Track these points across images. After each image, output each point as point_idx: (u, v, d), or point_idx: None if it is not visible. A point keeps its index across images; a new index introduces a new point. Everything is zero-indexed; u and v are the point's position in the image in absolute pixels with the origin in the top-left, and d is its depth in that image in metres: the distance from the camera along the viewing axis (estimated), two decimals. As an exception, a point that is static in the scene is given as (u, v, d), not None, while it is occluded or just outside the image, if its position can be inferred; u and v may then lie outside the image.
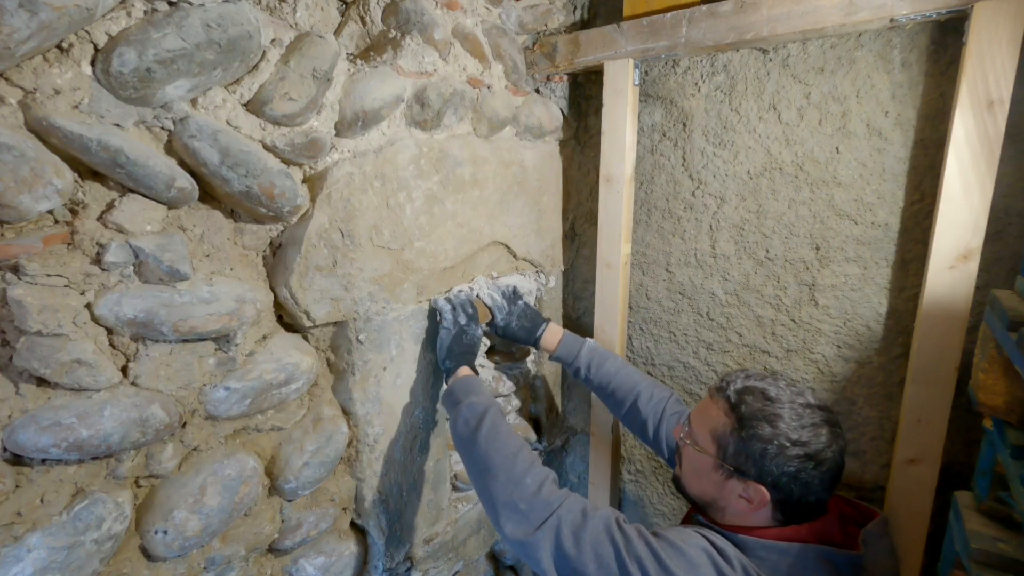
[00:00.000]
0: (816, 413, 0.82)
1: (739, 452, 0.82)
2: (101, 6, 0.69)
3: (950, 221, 1.02)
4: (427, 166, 1.17)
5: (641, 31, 1.29)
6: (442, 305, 1.25)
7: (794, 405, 0.82)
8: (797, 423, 0.80)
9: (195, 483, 0.90)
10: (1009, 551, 0.86)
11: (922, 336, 1.08)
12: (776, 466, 0.79)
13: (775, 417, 0.81)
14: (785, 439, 0.79)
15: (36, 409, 0.74)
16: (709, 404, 0.90)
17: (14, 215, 0.68)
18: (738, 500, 0.83)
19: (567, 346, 1.34)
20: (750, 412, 0.82)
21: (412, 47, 1.10)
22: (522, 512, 0.88)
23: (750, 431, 0.81)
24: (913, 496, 1.13)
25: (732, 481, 0.83)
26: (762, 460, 0.80)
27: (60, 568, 0.76)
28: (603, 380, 1.30)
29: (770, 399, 0.83)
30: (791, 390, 0.85)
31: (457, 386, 1.13)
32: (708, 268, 1.44)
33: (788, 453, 0.79)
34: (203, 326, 0.85)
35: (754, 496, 0.81)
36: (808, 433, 0.80)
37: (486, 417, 1.03)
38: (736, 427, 0.83)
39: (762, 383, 0.86)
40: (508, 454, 0.96)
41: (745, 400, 0.84)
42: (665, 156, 1.45)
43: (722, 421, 0.85)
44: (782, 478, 0.79)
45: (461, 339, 1.22)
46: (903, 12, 1.01)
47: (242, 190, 0.88)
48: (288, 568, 1.12)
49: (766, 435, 0.80)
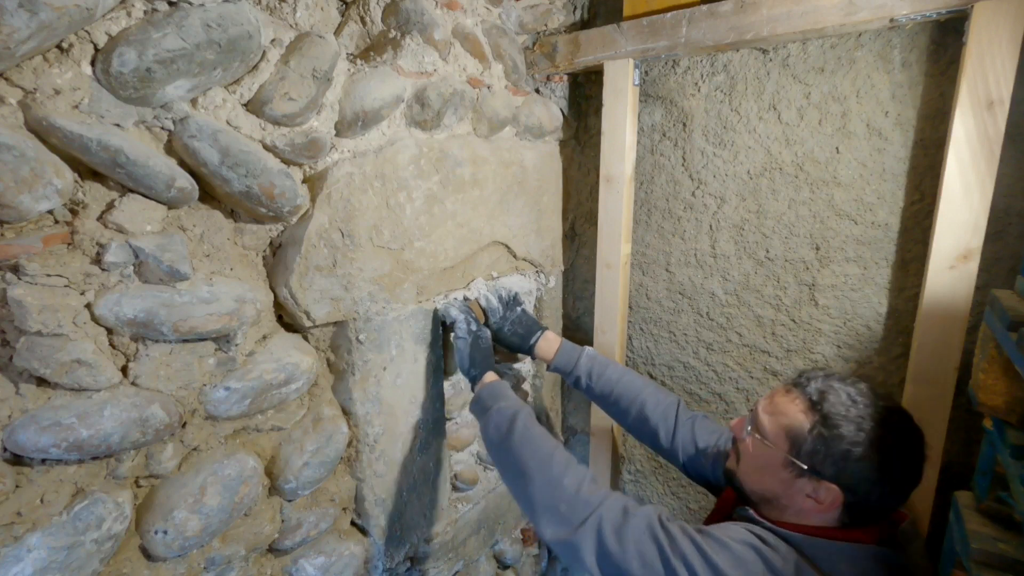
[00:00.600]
0: (901, 419, 0.79)
1: (816, 451, 0.78)
2: (101, 6, 0.69)
3: (950, 221, 1.02)
4: (427, 166, 1.17)
5: (641, 31, 1.29)
6: (455, 314, 1.24)
7: (879, 408, 0.79)
8: (883, 428, 0.77)
9: (195, 483, 0.90)
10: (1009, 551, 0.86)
11: (922, 336, 1.08)
12: (858, 469, 0.76)
13: (861, 420, 0.77)
14: (871, 443, 0.76)
15: (36, 409, 0.74)
16: (783, 399, 0.85)
17: (14, 215, 0.68)
18: (805, 499, 0.80)
19: (565, 355, 1.30)
20: (834, 412, 0.79)
21: (412, 47, 1.10)
22: (562, 513, 0.87)
23: (834, 431, 0.78)
24: (913, 496, 1.13)
25: (802, 480, 0.80)
26: (843, 462, 0.77)
27: (60, 568, 0.76)
28: (605, 389, 1.27)
29: (854, 400, 0.79)
30: (874, 393, 0.81)
31: (484, 393, 1.12)
32: (708, 268, 1.44)
33: (872, 458, 0.76)
34: (203, 326, 0.85)
35: (825, 497, 0.78)
36: (894, 439, 0.77)
37: (517, 420, 1.02)
38: (816, 425, 0.79)
39: (845, 385, 0.82)
40: (543, 456, 0.95)
41: (828, 399, 0.80)
42: (665, 156, 1.45)
43: (799, 418, 0.81)
44: (861, 482, 0.76)
45: (478, 344, 1.22)
46: (903, 12, 1.01)
47: (242, 190, 0.88)
48: (288, 568, 1.12)
49: (851, 436, 0.77)
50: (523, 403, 1.10)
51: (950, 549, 1.01)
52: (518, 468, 0.96)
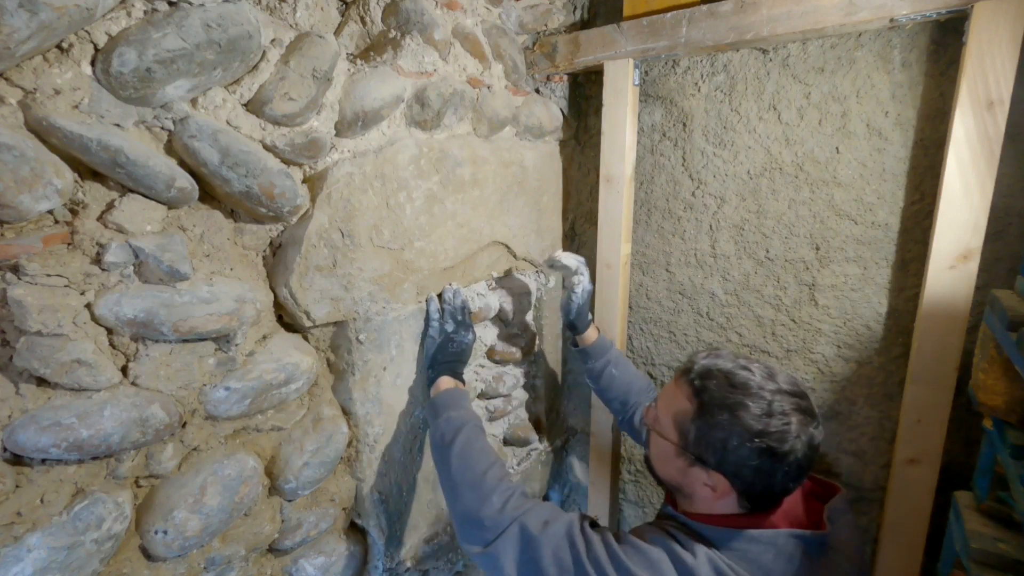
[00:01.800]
0: (785, 400, 0.75)
1: (700, 440, 0.78)
2: (101, 6, 0.69)
3: (950, 221, 1.02)
4: (427, 166, 1.17)
5: (641, 31, 1.29)
6: (431, 311, 1.23)
7: (762, 392, 0.75)
8: (762, 412, 0.74)
9: (195, 483, 0.90)
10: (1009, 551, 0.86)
11: (922, 336, 1.08)
12: (737, 457, 0.75)
13: (737, 405, 0.75)
14: (745, 430, 0.74)
15: (36, 409, 0.74)
16: (674, 387, 0.85)
17: (14, 215, 0.68)
18: (703, 488, 0.79)
19: (603, 340, 1.36)
20: (711, 399, 0.77)
21: (412, 47, 1.10)
22: (486, 528, 0.88)
23: (711, 419, 0.77)
24: (913, 496, 1.13)
25: (695, 469, 0.79)
26: (723, 451, 0.76)
27: (60, 568, 0.76)
28: (628, 377, 1.33)
29: (734, 385, 0.77)
30: (761, 374, 0.78)
31: (439, 399, 1.13)
32: (708, 268, 1.44)
33: (750, 445, 0.74)
34: (203, 326, 0.85)
35: (717, 485, 0.78)
36: (775, 423, 0.73)
37: (460, 434, 1.03)
38: (697, 414, 0.78)
39: (729, 365, 0.80)
40: (478, 472, 0.96)
41: (707, 386, 0.78)
42: (665, 156, 1.45)
43: (684, 406, 0.81)
44: (743, 470, 0.75)
45: (447, 347, 1.21)
46: (903, 12, 1.01)
47: (242, 190, 0.88)
48: (288, 568, 1.12)
49: (726, 424, 0.75)
50: (473, 415, 1.10)
51: (950, 549, 1.01)
52: (453, 482, 0.98)
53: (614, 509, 1.71)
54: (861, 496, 1.30)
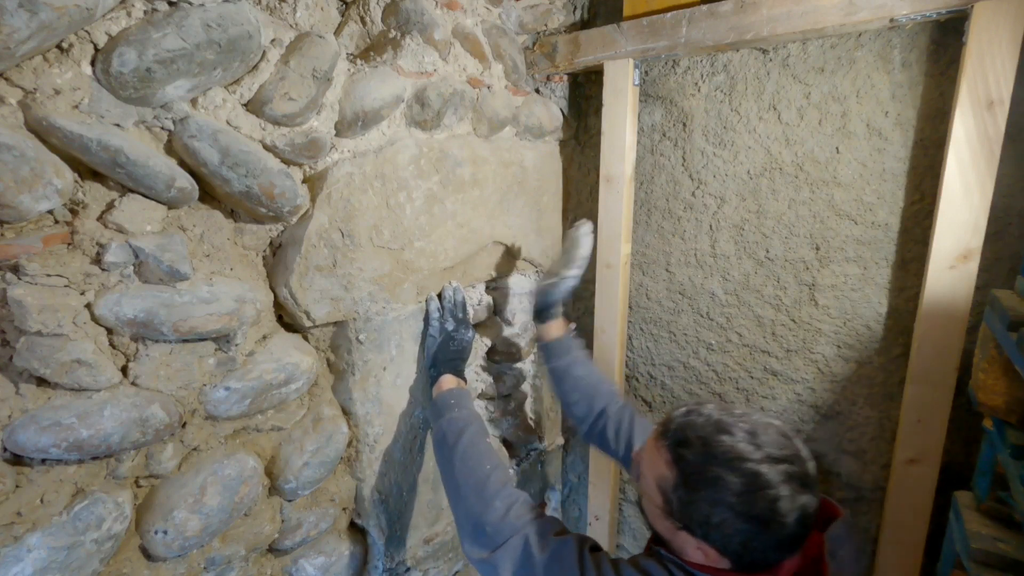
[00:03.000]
0: (773, 469, 0.67)
1: (683, 511, 0.72)
2: (101, 6, 0.69)
3: (950, 221, 1.02)
4: (427, 166, 1.17)
5: (641, 31, 1.29)
6: (431, 310, 1.23)
7: (745, 464, 0.68)
8: (744, 487, 0.67)
9: (195, 483, 0.90)
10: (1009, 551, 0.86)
11: (922, 336, 1.08)
12: (723, 534, 0.69)
13: (717, 481, 0.68)
14: (728, 508, 0.68)
15: (36, 409, 0.74)
16: (654, 448, 0.78)
17: (14, 215, 0.68)
18: (695, 551, 0.74)
19: (568, 339, 1.29)
20: (691, 471, 0.71)
21: (412, 47, 1.10)
22: (488, 535, 0.88)
23: (692, 493, 0.71)
24: (913, 496, 1.13)
25: (683, 533, 0.74)
26: (706, 526, 0.70)
27: (60, 568, 0.76)
28: (592, 380, 1.24)
29: (714, 456, 0.70)
30: (745, 438, 0.70)
31: (441, 399, 1.13)
32: (708, 268, 1.44)
33: (736, 523, 0.68)
34: (203, 326, 0.85)
35: (707, 553, 0.73)
36: (762, 498, 0.66)
37: (464, 435, 1.02)
38: (677, 483, 0.73)
39: (707, 430, 0.72)
40: (481, 475, 0.95)
41: (684, 455, 0.72)
42: (665, 156, 1.45)
43: (664, 472, 0.75)
44: (731, 544, 0.70)
45: (448, 346, 1.20)
46: (903, 12, 1.01)
47: (242, 190, 0.88)
48: (288, 568, 1.12)
49: (708, 500, 0.69)
50: (475, 416, 1.09)
51: (950, 549, 1.01)
52: (455, 484, 0.97)
53: (614, 509, 1.71)
54: (861, 496, 1.30)
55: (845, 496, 1.32)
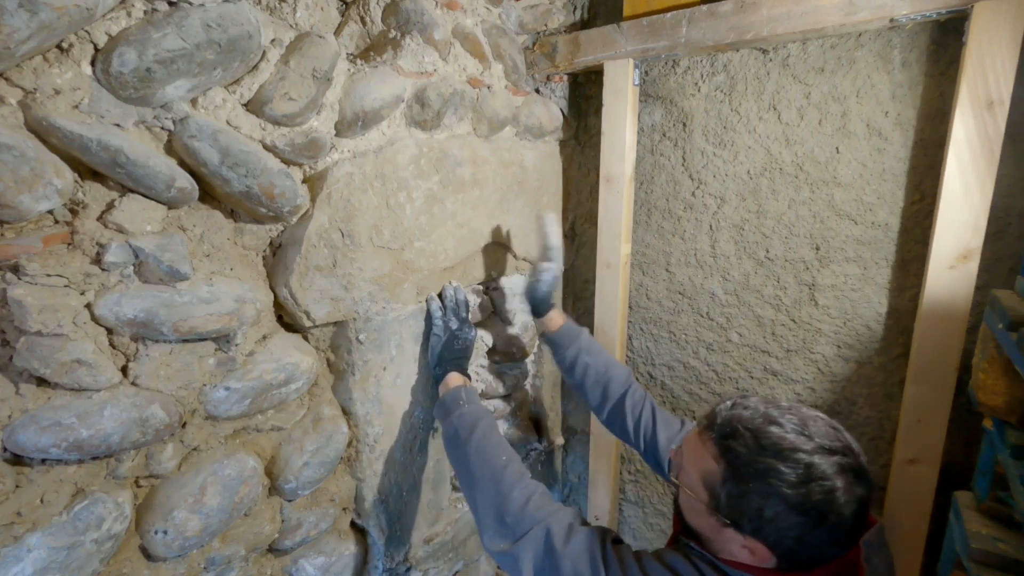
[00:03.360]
0: (827, 460, 0.66)
1: (732, 506, 0.70)
2: (101, 6, 0.69)
3: (950, 221, 1.02)
4: (427, 166, 1.17)
5: (641, 31, 1.29)
6: (434, 309, 1.23)
7: (797, 453, 0.66)
8: (800, 478, 0.65)
9: (195, 483, 0.90)
10: (1009, 551, 0.86)
11: (922, 336, 1.08)
12: (776, 528, 0.66)
13: (770, 472, 0.66)
14: (782, 500, 0.65)
15: (36, 409, 0.74)
16: (698, 442, 0.76)
17: (14, 215, 0.68)
18: (740, 549, 0.71)
19: (569, 327, 1.29)
20: (740, 462, 0.69)
21: (412, 47, 1.10)
22: (508, 525, 0.87)
23: (743, 485, 0.68)
24: (913, 496, 1.13)
25: (729, 530, 0.71)
26: (759, 520, 0.67)
27: (60, 568, 0.76)
28: (602, 366, 1.24)
29: (764, 447, 0.67)
30: (794, 429, 0.68)
31: (449, 397, 1.12)
32: (708, 268, 1.44)
33: (790, 517, 0.65)
34: (203, 326, 0.85)
35: (755, 549, 0.70)
36: (817, 489, 0.64)
37: (477, 429, 1.02)
38: (726, 477, 0.70)
39: (756, 420, 0.70)
40: (497, 467, 0.95)
41: (733, 447, 0.70)
42: (665, 156, 1.45)
43: (711, 467, 0.72)
44: (785, 539, 0.67)
45: (452, 345, 1.20)
46: (903, 12, 1.01)
47: (242, 190, 0.88)
48: (288, 568, 1.12)
49: (761, 492, 0.66)
50: (486, 410, 1.09)
51: (950, 549, 1.01)
52: (472, 477, 0.97)
53: (614, 509, 1.71)
54: (861, 496, 1.30)
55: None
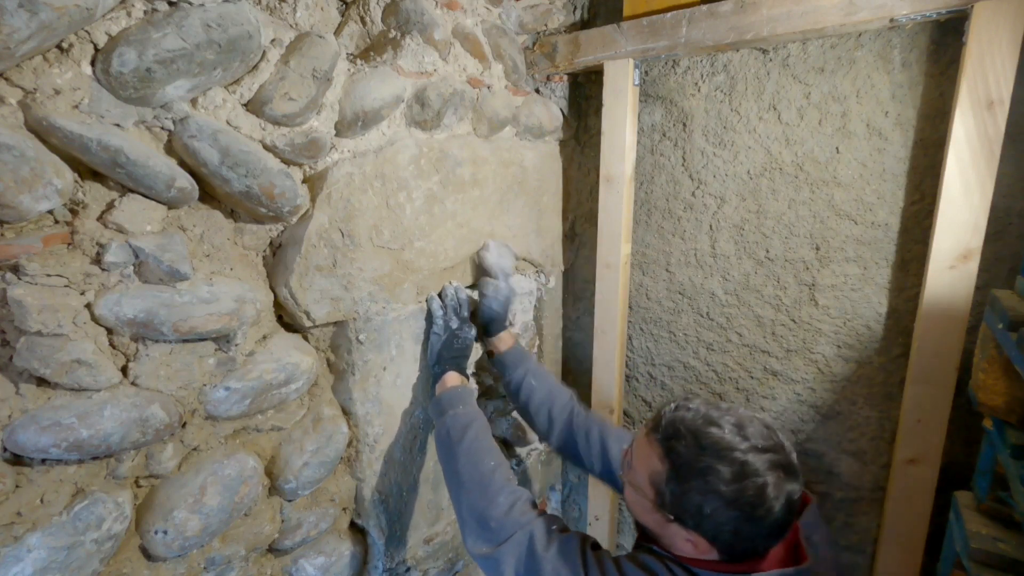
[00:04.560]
0: (759, 458, 0.72)
1: (676, 503, 0.75)
2: (101, 6, 0.69)
3: (950, 221, 1.02)
4: (427, 166, 1.17)
5: (641, 31, 1.29)
6: (434, 308, 1.23)
7: (733, 453, 0.72)
8: (733, 475, 0.71)
9: (195, 483, 0.90)
10: (1009, 551, 0.86)
11: (922, 336, 1.08)
12: (715, 522, 0.73)
13: (708, 471, 0.72)
14: (719, 497, 0.71)
15: (36, 409, 0.74)
16: (645, 443, 0.81)
17: (14, 215, 0.68)
18: (684, 543, 0.77)
19: (518, 348, 1.32)
20: (681, 462, 0.74)
21: (412, 47, 1.10)
22: (491, 529, 0.89)
23: (684, 484, 0.74)
24: (913, 496, 1.13)
25: (673, 526, 0.77)
26: (699, 516, 0.73)
27: (60, 568, 0.76)
28: (547, 388, 1.26)
29: (703, 447, 0.73)
30: (731, 430, 0.74)
31: (445, 397, 1.13)
32: (708, 268, 1.44)
33: (727, 512, 0.71)
34: (203, 326, 0.85)
35: (698, 543, 0.76)
36: (750, 485, 0.70)
37: (469, 430, 1.03)
38: (670, 476, 0.76)
39: (697, 423, 0.76)
40: (485, 471, 0.96)
41: (676, 448, 0.75)
42: (665, 156, 1.45)
43: (656, 467, 0.77)
44: (722, 533, 0.73)
45: (452, 344, 1.21)
46: (903, 12, 1.01)
47: (242, 190, 0.88)
48: (288, 568, 1.12)
49: (700, 490, 0.72)
50: (480, 413, 1.09)
51: (950, 549, 1.01)
52: (459, 479, 0.98)
53: (614, 509, 1.71)
54: (861, 496, 1.30)
55: (845, 496, 1.32)
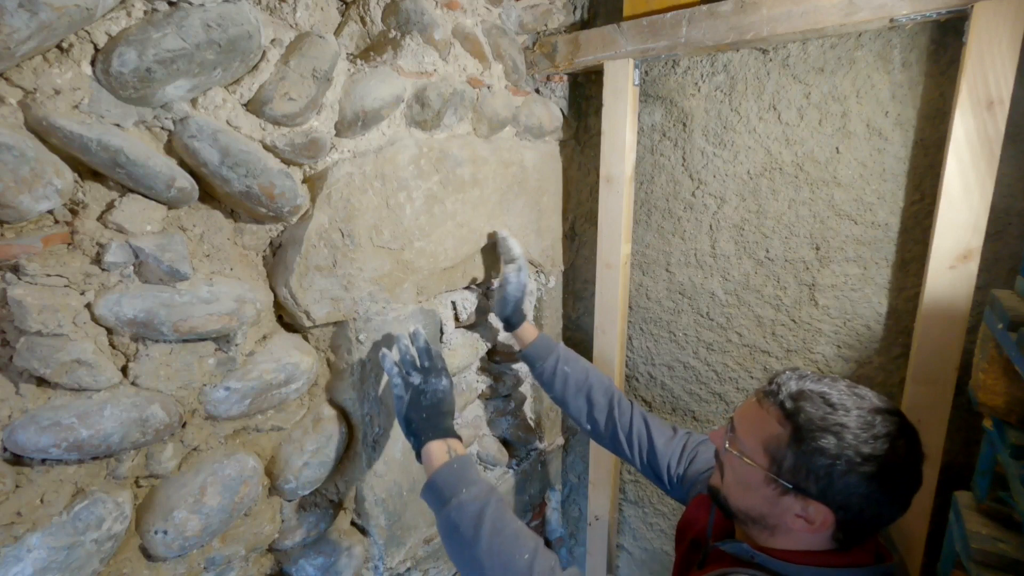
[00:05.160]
0: (888, 420, 0.69)
1: (798, 467, 0.70)
2: (101, 6, 0.69)
3: (950, 221, 1.02)
4: (427, 166, 1.17)
5: (641, 31, 1.29)
6: (387, 367, 1.05)
7: (862, 411, 0.69)
8: (868, 434, 0.67)
9: (195, 483, 0.90)
10: (1009, 551, 0.86)
11: (922, 336, 1.08)
12: (845, 485, 0.67)
13: (841, 428, 0.68)
14: (855, 453, 0.67)
15: (36, 409, 0.74)
16: (757, 409, 0.76)
17: (14, 215, 0.68)
18: (795, 519, 0.71)
19: (545, 338, 1.30)
20: (810, 421, 0.70)
21: (412, 47, 1.10)
22: None
23: (812, 444, 0.69)
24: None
25: (788, 498, 0.71)
26: (828, 478, 0.68)
27: (60, 568, 0.76)
28: (582, 373, 1.23)
29: (832, 405, 0.70)
30: (855, 394, 0.72)
31: (437, 481, 0.93)
32: (708, 268, 1.44)
33: (860, 470, 0.67)
34: (203, 326, 0.85)
35: (815, 516, 0.70)
36: (882, 445, 0.67)
37: (483, 523, 0.86)
38: (793, 438, 0.70)
39: (820, 385, 0.73)
40: (520, 569, 0.82)
41: (803, 407, 0.71)
42: (665, 156, 1.45)
43: (775, 431, 0.72)
44: (852, 498, 0.68)
45: (419, 402, 1.02)
46: (903, 12, 1.01)
47: (242, 190, 0.88)
48: (288, 568, 1.12)
49: (832, 449, 0.67)
50: (488, 487, 0.92)
51: (950, 549, 1.01)
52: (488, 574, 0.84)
53: (614, 509, 1.71)
54: (861, 496, 1.30)
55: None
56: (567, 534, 1.95)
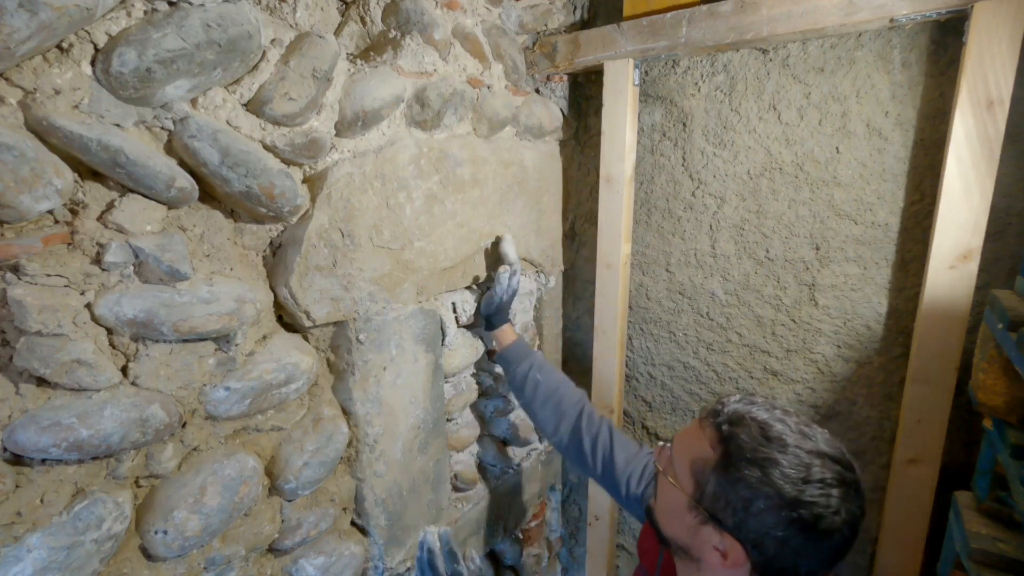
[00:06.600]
0: (827, 466, 0.62)
1: (718, 495, 0.66)
2: (101, 6, 0.69)
3: (950, 221, 1.02)
4: (427, 166, 1.17)
5: (641, 31, 1.29)
6: None
7: (799, 450, 0.63)
8: (798, 475, 0.62)
9: (195, 483, 0.90)
10: (1009, 551, 0.86)
11: (922, 336, 1.08)
12: (760, 524, 0.63)
13: (770, 462, 0.63)
14: (777, 494, 0.62)
15: (36, 409, 0.74)
16: (696, 429, 0.73)
17: (14, 215, 0.68)
18: (712, 552, 0.67)
19: (522, 343, 1.33)
20: (740, 449, 0.65)
21: (412, 47, 1.10)
22: None
23: (735, 473, 0.64)
24: (913, 496, 1.13)
25: (707, 528, 0.67)
26: (744, 512, 0.64)
27: (60, 568, 0.76)
28: (554, 383, 1.25)
29: (768, 438, 0.65)
30: (801, 430, 0.66)
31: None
32: (708, 268, 1.44)
33: (780, 513, 0.62)
34: (203, 326, 0.85)
35: (729, 552, 0.66)
36: (812, 491, 0.61)
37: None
38: (720, 463, 0.66)
39: (765, 414, 0.67)
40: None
41: (737, 434, 0.66)
42: (665, 156, 1.45)
43: (704, 452, 0.69)
44: (766, 540, 0.63)
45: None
46: (903, 12, 1.01)
47: (242, 190, 0.88)
48: (288, 568, 1.12)
49: (754, 482, 0.63)
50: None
51: (950, 549, 1.01)
52: None
53: (614, 509, 1.71)
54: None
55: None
56: (567, 534, 1.95)
